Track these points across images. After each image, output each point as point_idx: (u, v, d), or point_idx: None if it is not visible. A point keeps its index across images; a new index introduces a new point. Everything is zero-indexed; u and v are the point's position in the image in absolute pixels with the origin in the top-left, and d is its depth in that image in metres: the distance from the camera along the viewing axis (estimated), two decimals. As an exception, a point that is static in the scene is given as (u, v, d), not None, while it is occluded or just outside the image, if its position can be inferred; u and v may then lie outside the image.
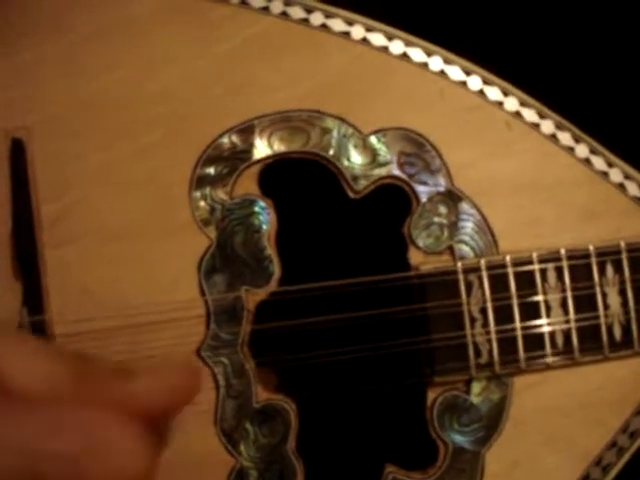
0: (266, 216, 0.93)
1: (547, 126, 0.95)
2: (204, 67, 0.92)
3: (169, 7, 0.92)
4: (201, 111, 0.92)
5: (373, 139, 0.93)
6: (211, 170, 0.92)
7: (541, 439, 0.94)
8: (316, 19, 0.93)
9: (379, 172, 0.93)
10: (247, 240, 0.92)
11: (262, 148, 0.93)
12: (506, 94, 0.94)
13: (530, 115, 0.94)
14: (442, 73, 0.94)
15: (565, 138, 0.95)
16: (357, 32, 0.93)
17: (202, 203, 0.92)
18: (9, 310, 0.90)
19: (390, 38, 0.94)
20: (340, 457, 0.94)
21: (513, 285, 0.93)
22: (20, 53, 0.91)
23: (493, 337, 0.92)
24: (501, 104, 0.94)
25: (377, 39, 0.93)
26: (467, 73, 0.94)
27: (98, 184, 0.91)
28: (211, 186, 0.92)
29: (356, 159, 0.93)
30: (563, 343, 0.93)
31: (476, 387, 0.94)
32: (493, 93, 0.94)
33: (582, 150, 0.95)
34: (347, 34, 0.93)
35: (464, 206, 0.94)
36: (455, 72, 0.94)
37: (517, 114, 0.94)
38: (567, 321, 0.93)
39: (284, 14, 0.93)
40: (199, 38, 0.92)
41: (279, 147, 0.93)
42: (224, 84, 0.92)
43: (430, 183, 0.94)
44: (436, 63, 0.94)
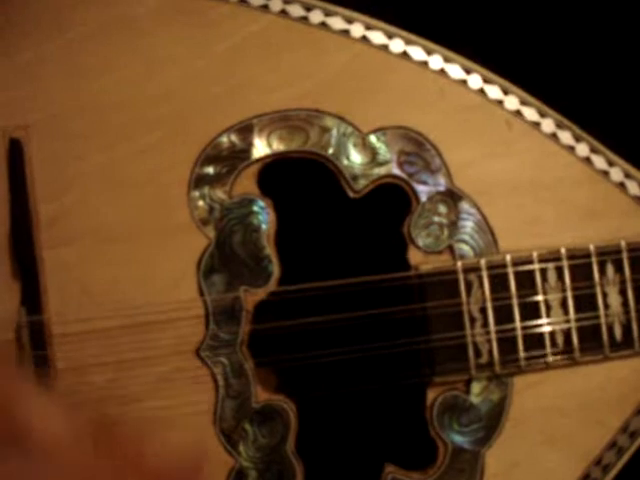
0: (265, 215, 0.92)
1: (547, 125, 0.94)
2: (203, 66, 0.92)
3: (169, 6, 0.92)
4: (200, 110, 0.92)
5: (373, 138, 0.93)
6: (210, 170, 0.92)
7: (541, 439, 0.93)
8: (315, 17, 0.93)
9: (379, 171, 0.93)
10: (246, 240, 0.92)
11: (261, 147, 0.92)
12: (506, 93, 0.94)
13: (530, 114, 0.94)
14: (442, 72, 0.93)
15: (565, 137, 0.94)
16: (357, 30, 0.93)
17: (201, 203, 0.92)
18: (8, 310, 0.90)
19: (390, 36, 0.93)
20: (339, 457, 0.94)
21: (513, 285, 0.92)
22: (20, 52, 0.90)
23: (493, 337, 0.92)
24: (501, 103, 0.94)
25: (377, 37, 0.93)
26: (467, 72, 0.94)
27: (97, 184, 0.91)
28: (210, 186, 0.92)
29: (355, 158, 0.93)
30: (563, 343, 0.93)
31: (476, 387, 0.93)
32: (493, 92, 0.94)
33: (582, 149, 0.94)
34: (346, 32, 0.93)
35: (464, 205, 0.93)
36: (455, 71, 0.94)
37: (517, 113, 0.94)
38: (567, 321, 0.93)
39: (283, 12, 0.92)
40: (199, 37, 0.92)
41: (278, 146, 0.92)
42: (223, 83, 0.92)
43: (430, 182, 0.93)
44: (436, 62, 0.94)
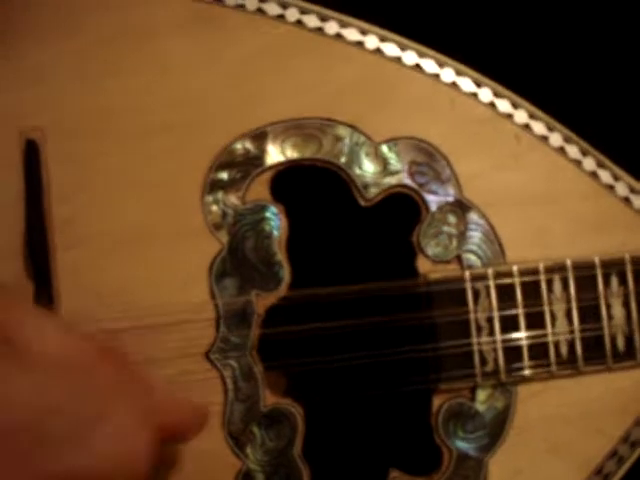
0: (277, 222, 0.94)
1: (556, 139, 0.96)
2: (219, 73, 0.93)
3: (186, 14, 0.93)
4: (215, 117, 0.93)
5: (384, 148, 0.94)
6: (224, 175, 0.93)
7: (544, 447, 0.95)
8: (331, 28, 0.94)
9: (390, 181, 0.95)
10: (258, 245, 0.93)
11: (275, 154, 0.94)
12: (516, 106, 0.96)
13: (539, 128, 0.96)
14: (454, 84, 0.95)
15: (573, 151, 0.96)
16: (371, 42, 0.95)
17: (214, 208, 0.93)
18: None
19: (403, 48, 0.95)
20: (345, 461, 0.95)
21: (519, 294, 0.94)
22: (37, 54, 0.91)
23: (499, 346, 0.94)
24: (511, 116, 0.96)
25: (390, 49, 0.95)
26: (478, 85, 0.95)
27: (111, 186, 0.92)
28: (224, 191, 0.93)
29: (367, 167, 0.94)
30: (567, 353, 0.94)
31: (481, 395, 0.95)
32: (503, 105, 0.96)
33: (589, 163, 0.96)
34: (361, 44, 0.95)
35: (473, 216, 0.95)
36: (466, 84, 0.95)
37: (526, 126, 0.96)
38: (572, 331, 0.94)
39: (299, 22, 0.94)
40: (215, 45, 0.93)
41: (291, 154, 0.94)
42: (238, 90, 0.93)
43: (440, 193, 0.95)
44: (448, 75, 0.95)
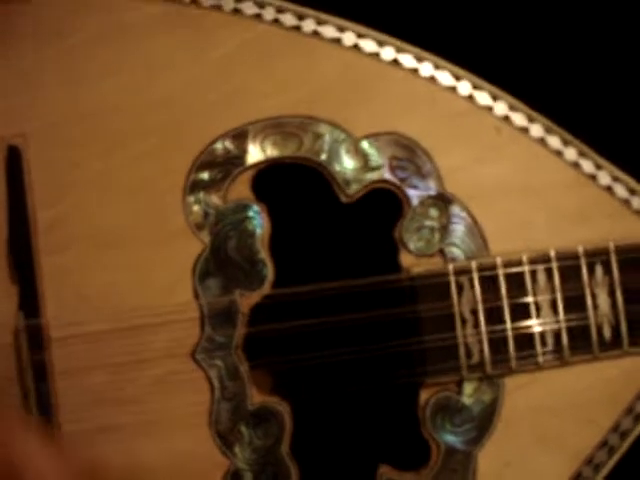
0: (260, 220, 0.94)
1: (536, 130, 0.96)
2: (198, 74, 0.94)
3: (165, 14, 0.93)
4: (195, 117, 0.93)
5: (365, 144, 0.94)
6: (205, 175, 0.93)
7: (532, 439, 0.95)
8: (308, 26, 0.95)
9: (371, 176, 0.95)
10: (241, 244, 0.93)
11: (255, 153, 0.94)
12: (495, 98, 0.96)
13: (519, 119, 0.96)
14: (432, 78, 0.95)
15: (554, 141, 0.96)
16: (348, 39, 0.95)
17: (196, 208, 0.93)
18: (6, 314, 0.91)
19: (381, 44, 0.95)
20: (334, 458, 0.95)
21: (503, 286, 0.94)
22: (19, 59, 0.92)
23: (484, 338, 0.93)
24: (491, 109, 0.96)
25: (368, 45, 0.95)
26: (457, 78, 0.95)
27: (94, 191, 0.93)
28: (205, 191, 0.93)
29: (348, 164, 0.94)
30: (553, 343, 0.94)
31: (468, 388, 0.94)
32: (483, 98, 0.96)
33: (571, 153, 0.96)
34: (338, 40, 0.95)
35: (455, 209, 0.95)
36: (445, 77, 0.95)
37: (506, 118, 0.96)
38: (557, 321, 0.94)
39: (276, 21, 0.94)
40: (194, 45, 0.94)
41: (272, 152, 0.94)
42: (218, 90, 0.94)
43: (421, 187, 0.95)
44: (426, 69, 0.95)
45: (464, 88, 0.96)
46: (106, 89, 0.93)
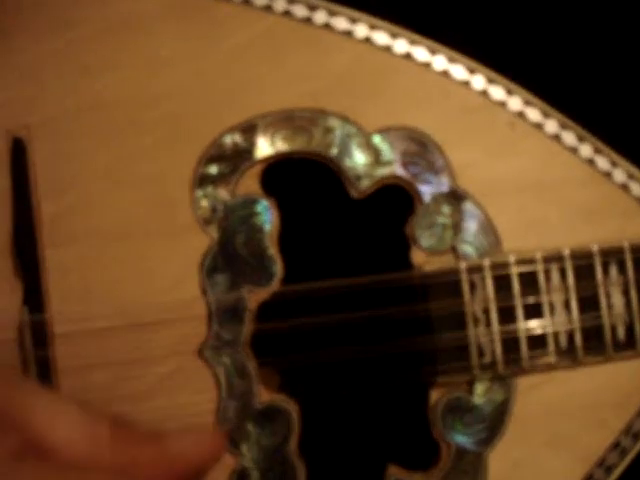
0: (269, 215, 0.92)
1: (551, 125, 0.94)
2: (207, 66, 0.92)
3: (172, 5, 0.91)
4: (204, 110, 0.92)
5: (376, 138, 0.93)
6: (213, 169, 0.92)
7: (544, 440, 0.93)
8: (319, 17, 0.93)
9: (382, 172, 0.93)
10: (249, 239, 0.92)
11: (265, 147, 0.92)
12: (510, 93, 0.94)
13: (534, 114, 0.94)
14: (446, 72, 0.93)
15: (569, 138, 0.94)
16: (360, 30, 0.93)
17: (204, 202, 0.91)
18: (10, 309, 0.89)
19: (394, 36, 0.93)
20: (342, 458, 0.94)
21: (517, 285, 0.92)
22: (23, 52, 0.90)
23: (496, 337, 0.92)
24: (505, 103, 0.94)
25: (381, 37, 0.93)
26: (471, 72, 0.94)
27: (100, 183, 0.91)
28: (213, 185, 0.91)
29: (359, 158, 0.93)
30: (566, 343, 0.93)
31: (479, 388, 0.93)
32: (497, 92, 0.94)
33: (586, 150, 0.94)
34: (350, 32, 0.93)
35: (468, 206, 0.93)
36: (459, 71, 0.94)
37: (521, 113, 0.94)
38: (570, 321, 0.93)
39: (287, 13, 0.92)
40: (202, 37, 0.92)
41: (282, 146, 0.92)
42: (227, 83, 0.92)
43: (433, 183, 0.93)
44: (440, 62, 0.94)
45: (478, 82, 0.94)
46: (112, 81, 0.91)
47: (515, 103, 0.94)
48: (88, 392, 0.89)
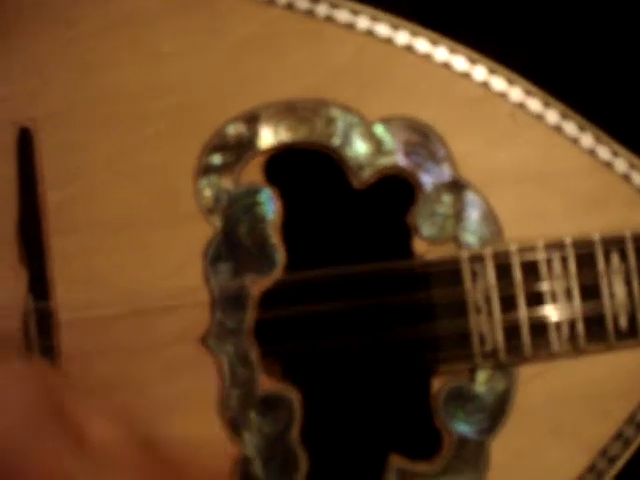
0: (271, 205, 0.93)
1: (552, 116, 0.95)
2: (211, 58, 0.93)
3: (174, 0, 0.93)
4: (207, 101, 0.93)
5: (378, 129, 0.93)
6: (217, 159, 0.92)
7: (546, 429, 0.93)
8: (321, 10, 0.94)
9: (384, 161, 0.94)
10: (252, 229, 0.93)
11: (267, 137, 0.93)
12: (511, 83, 0.94)
13: (535, 105, 0.94)
14: (447, 63, 0.94)
15: (570, 128, 0.95)
16: (362, 22, 0.94)
17: (208, 191, 0.92)
18: (15, 297, 0.90)
19: (395, 28, 0.94)
20: (344, 447, 0.94)
21: (518, 273, 0.92)
22: (29, 47, 0.92)
23: (498, 325, 0.92)
24: (506, 94, 0.94)
25: (382, 29, 0.94)
26: (472, 62, 0.94)
27: (104, 173, 0.92)
28: (217, 175, 0.92)
29: (361, 148, 0.93)
30: (568, 331, 0.93)
31: (481, 377, 0.93)
32: (498, 83, 0.94)
33: (587, 140, 0.95)
34: (352, 25, 0.94)
35: (469, 195, 0.94)
36: (460, 62, 0.94)
37: (522, 104, 0.94)
38: (572, 309, 0.93)
39: (289, 5, 0.94)
40: (206, 30, 0.93)
41: (284, 136, 0.93)
42: (230, 75, 0.93)
43: (435, 172, 0.94)
44: (441, 53, 0.94)
45: (479, 73, 0.94)
46: (116, 74, 0.92)
47: (516, 94, 0.95)
48: (91, 379, 0.90)
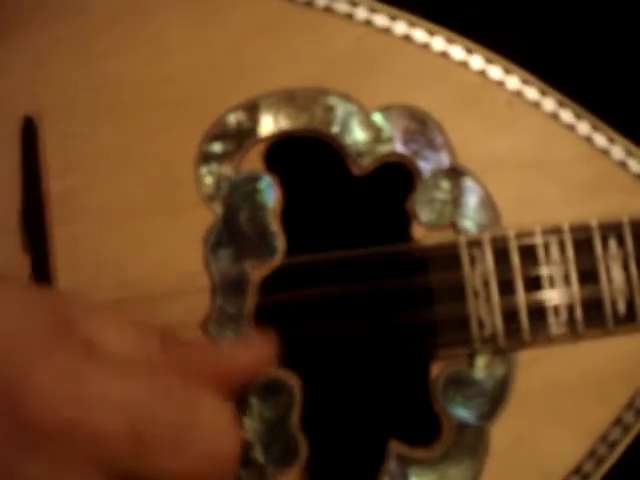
0: (272, 192, 0.94)
1: (549, 104, 0.96)
2: (211, 48, 0.95)
3: None
4: (207, 91, 0.94)
5: (377, 116, 0.95)
6: (217, 147, 0.94)
7: (546, 414, 0.93)
8: (320, 1, 0.95)
9: (382, 149, 0.95)
10: (252, 216, 0.94)
11: (267, 125, 0.94)
12: (508, 72, 0.96)
13: (532, 93, 0.96)
14: (444, 52, 0.96)
15: (567, 116, 0.96)
16: (360, 13, 0.95)
17: (208, 179, 0.93)
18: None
19: (393, 19, 0.96)
20: (344, 432, 0.94)
21: (516, 258, 0.93)
22: (33, 36, 0.93)
23: (496, 310, 0.93)
24: (503, 82, 0.96)
25: (380, 20, 0.96)
26: (469, 52, 0.96)
27: (107, 162, 0.93)
28: (217, 162, 0.94)
29: (360, 136, 0.95)
30: (567, 316, 0.93)
31: (480, 361, 0.93)
32: (495, 72, 0.96)
33: (584, 127, 0.96)
34: (351, 15, 0.95)
35: (467, 182, 0.95)
36: (457, 52, 0.96)
37: (519, 92, 0.96)
38: (570, 294, 0.93)
39: (289, -3, 0.95)
40: (207, 20, 0.95)
41: (284, 124, 0.94)
42: (230, 65, 0.94)
43: (433, 159, 0.95)
44: (438, 43, 0.96)
45: (476, 62, 0.96)
46: (119, 64, 0.94)
47: (513, 82, 0.96)
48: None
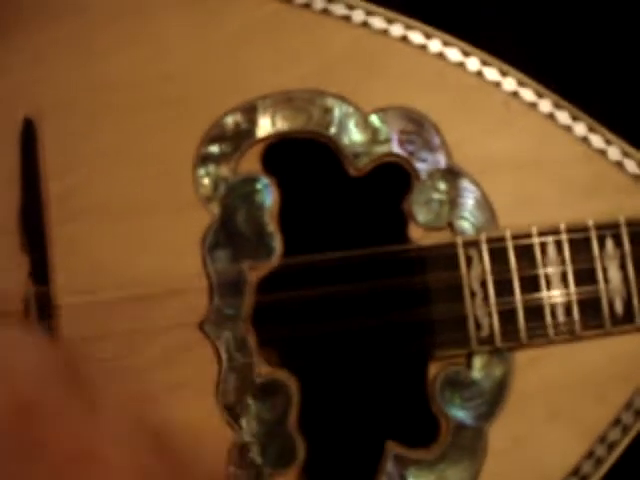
0: (269, 193, 0.94)
1: (545, 105, 0.96)
2: (210, 49, 0.95)
3: None
4: (206, 91, 0.95)
5: (373, 118, 0.95)
6: (215, 148, 0.94)
7: (544, 415, 0.93)
8: (318, 3, 0.96)
9: (379, 150, 0.95)
10: (250, 216, 0.94)
11: (265, 127, 0.95)
12: (504, 74, 0.96)
13: (528, 95, 0.96)
14: (441, 54, 0.96)
15: (563, 117, 0.96)
16: (357, 15, 0.96)
17: (206, 180, 0.94)
18: (16, 282, 0.91)
19: (390, 21, 0.96)
20: (342, 433, 0.94)
21: (513, 258, 0.93)
22: (32, 36, 0.94)
23: (493, 310, 0.92)
24: (499, 84, 0.96)
25: (377, 22, 0.96)
26: (465, 54, 0.96)
27: (105, 162, 0.94)
28: (215, 164, 0.94)
29: (357, 137, 0.95)
30: (564, 316, 0.93)
31: (478, 362, 0.93)
32: (491, 73, 0.96)
33: (580, 128, 0.96)
34: (348, 17, 0.96)
35: (464, 183, 0.95)
36: (453, 54, 0.96)
37: (515, 93, 0.96)
38: (568, 294, 0.93)
39: (287, -1, 0.96)
40: (206, 21, 0.95)
41: (282, 126, 0.95)
42: (229, 65, 0.95)
43: (430, 160, 0.95)
44: (435, 45, 0.96)
45: (473, 64, 0.96)
46: (118, 63, 0.94)
47: (509, 84, 0.96)
48: (92, 364, 0.90)
